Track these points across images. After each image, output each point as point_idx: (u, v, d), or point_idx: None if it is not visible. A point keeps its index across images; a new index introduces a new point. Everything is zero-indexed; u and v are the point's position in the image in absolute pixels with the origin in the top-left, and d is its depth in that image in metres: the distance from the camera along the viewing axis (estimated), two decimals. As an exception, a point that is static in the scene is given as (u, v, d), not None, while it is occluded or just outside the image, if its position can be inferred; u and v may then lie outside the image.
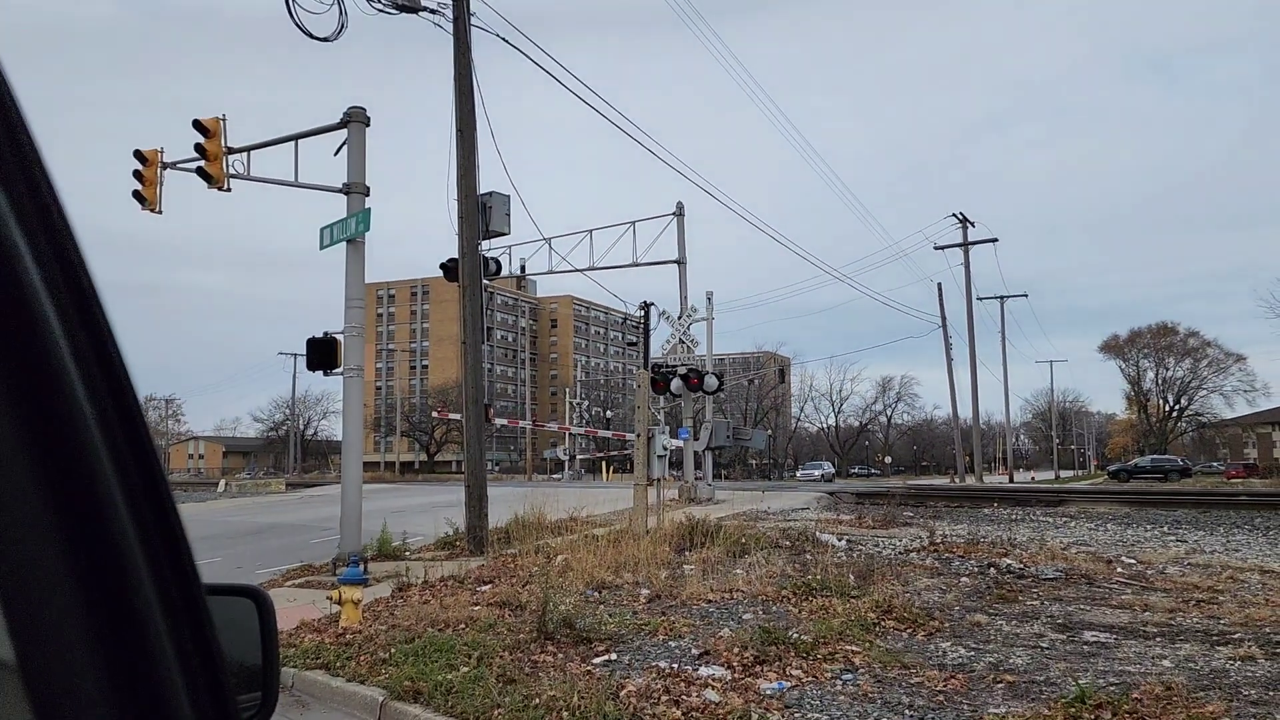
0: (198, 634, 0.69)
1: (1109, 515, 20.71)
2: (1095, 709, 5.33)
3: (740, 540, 13.36)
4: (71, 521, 0.63)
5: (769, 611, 8.88)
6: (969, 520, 20.30)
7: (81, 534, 0.63)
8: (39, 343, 0.62)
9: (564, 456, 64.22)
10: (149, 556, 0.67)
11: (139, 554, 0.66)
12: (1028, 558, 12.71)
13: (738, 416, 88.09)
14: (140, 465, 0.68)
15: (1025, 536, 16.21)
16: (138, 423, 0.69)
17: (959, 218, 52.67)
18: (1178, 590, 10.26)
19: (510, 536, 14.16)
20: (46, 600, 0.62)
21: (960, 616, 8.75)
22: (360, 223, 13.71)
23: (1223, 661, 6.83)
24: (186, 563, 0.71)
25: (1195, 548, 14.83)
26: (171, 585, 0.68)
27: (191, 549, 0.72)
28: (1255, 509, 20.88)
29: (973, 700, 5.94)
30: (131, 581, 0.65)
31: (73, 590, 0.62)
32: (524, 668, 6.81)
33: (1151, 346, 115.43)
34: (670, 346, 28.01)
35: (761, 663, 6.80)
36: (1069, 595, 10.06)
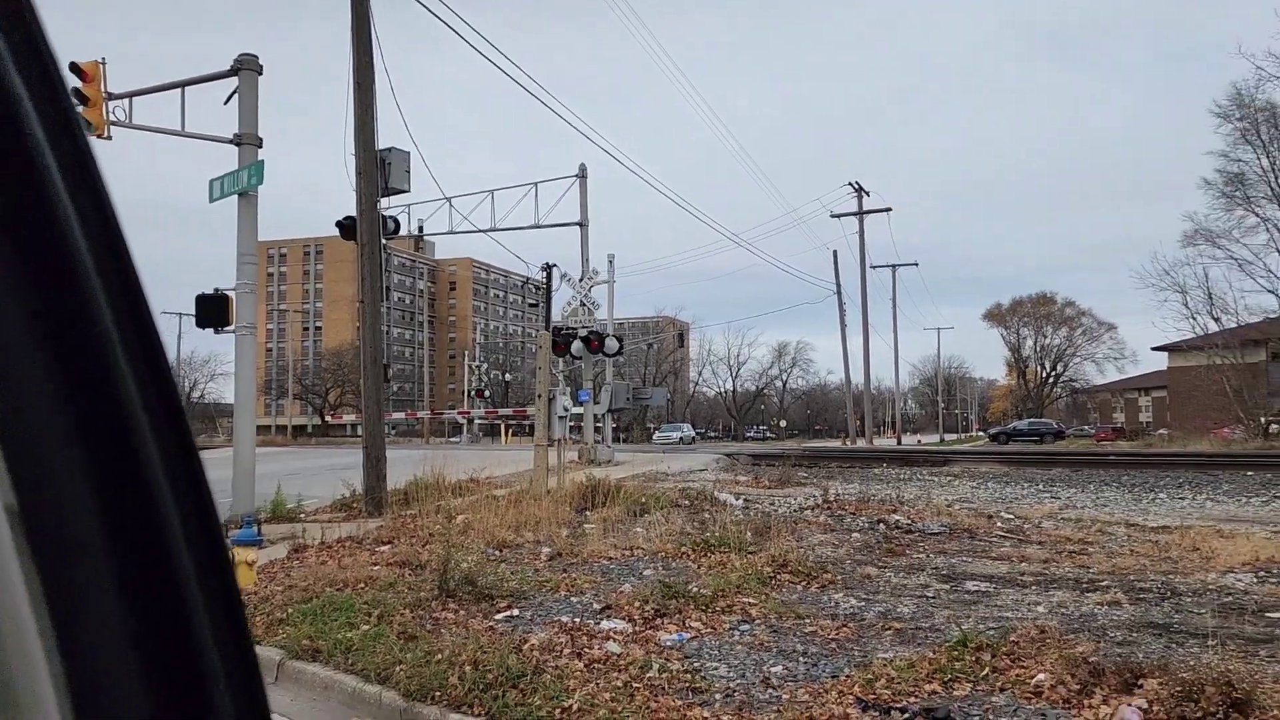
0: (223, 578, 0.72)
1: (990, 474, 21.64)
2: (976, 651, 5.62)
3: (640, 500, 13.53)
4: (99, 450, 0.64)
5: (669, 568, 9.05)
6: (860, 480, 20.95)
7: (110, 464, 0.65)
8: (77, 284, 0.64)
9: (462, 419, 63.57)
10: (179, 506, 0.68)
11: (170, 502, 0.68)
12: (915, 514, 13.22)
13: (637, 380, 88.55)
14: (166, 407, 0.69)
15: (913, 495, 16.82)
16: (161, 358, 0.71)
17: (855, 187, 53.68)
18: (1052, 543, 10.83)
19: (409, 498, 14.03)
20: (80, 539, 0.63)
21: (852, 569, 9.07)
22: (253, 175, 13.26)
23: (1092, 606, 7.27)
24: (211, 512, 0.73)
25: (1068, 504, 15.64)
26: (198, 533, 0.70)
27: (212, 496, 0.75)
28: (1122, 468, 22.10)
29: (863, 647, 6.19)
30: (167, 534, 0.67)
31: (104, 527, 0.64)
32: (425, 625, 6.81)
33: (1031, 315, 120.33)
34: (571, 309, 27.96)
35: (662, 616, 6.95)
36: (953, 548, 10.53)
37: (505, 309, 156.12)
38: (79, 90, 13.34)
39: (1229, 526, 11.98)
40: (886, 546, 10.44)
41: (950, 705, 4.86)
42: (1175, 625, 6.53)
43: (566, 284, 28.41)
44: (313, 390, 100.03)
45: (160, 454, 0.68)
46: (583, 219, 28.22)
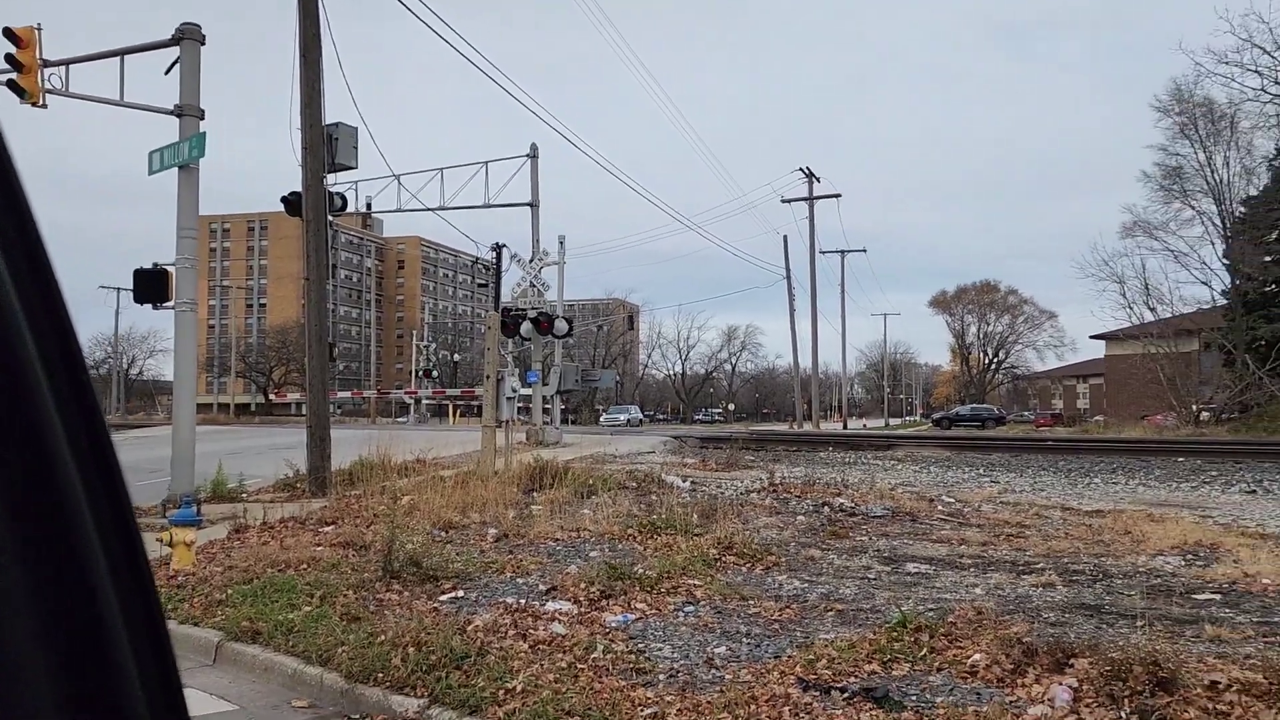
0: (136, 568, 0.69)
1: (932, 459, 22.01)
2: (915, 632, 5.73)
3: (588, 482, 13.54)
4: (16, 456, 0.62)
5: (615, 549, 9.09)
6: (806, 463, 21.17)
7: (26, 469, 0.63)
8: None
9: (409, 399, 63.01)
10: (90, 495, 0.66)
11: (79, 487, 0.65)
12: (859, 497, 13.40)
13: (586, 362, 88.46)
14: (81, 406, 0.67)
15: (857, 478, 17.05)
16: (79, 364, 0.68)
17: (805, 172, 53.99)
18: (990, 526, 11.06)
19: (354, 478, 13.90)
20: None
21: (796, 552, 9.18)
22: (194, 147, 12.96)
23: (1027, 588, 7.45)
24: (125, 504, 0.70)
25: (1007, 488, 15.98)
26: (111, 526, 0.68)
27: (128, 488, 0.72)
28: (1059, 453, 22.61)
29: (805, 628, 6.28)
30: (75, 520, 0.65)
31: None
32: (369, 606, 6.77)
33: (976, 303, 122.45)
34: (521, 290, 27.81)
35: (607, 597, 6.98)
36: (895, 531, 10.70)
37: (454, 289, 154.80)
38: (13, 56, 12.92)
39: (1160, 511, 12.33)
40: (830, 529, 10.58)
41: (889, 684, 4.95)
42: (1106, 606, 6.71)
43: (516, 264, 28.29)
44: (256, 368, 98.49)
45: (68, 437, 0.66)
46: (533, 199, 28.06)
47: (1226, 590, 7.34)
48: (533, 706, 4.69)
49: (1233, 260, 44.36)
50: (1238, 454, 21.24)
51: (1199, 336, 46.61)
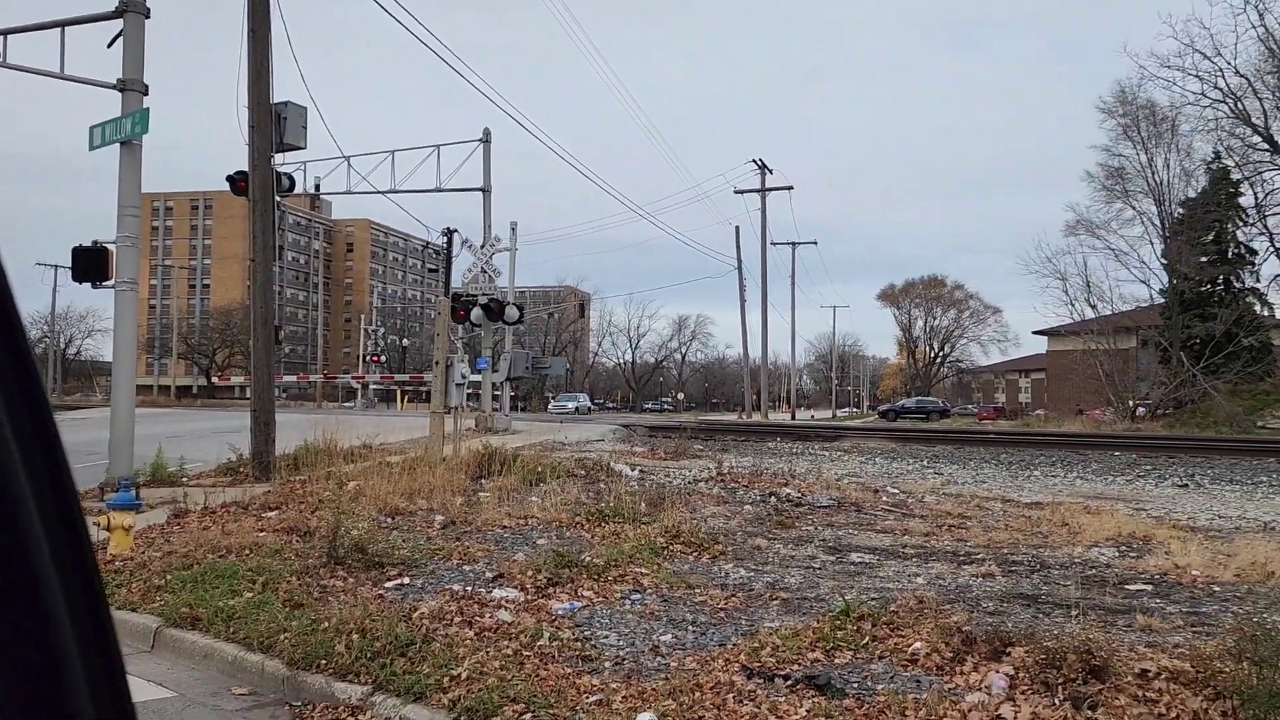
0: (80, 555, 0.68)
1: (878, 450, 22.30)
2: (858, 620, 5.82)
3: (536, 469, 13.51)
4: None
5: (563, 537, 9.09)
6: (754, 453, 21.33)
7: None
8: None
9: (357, 384, 62.29)
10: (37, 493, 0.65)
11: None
12: (805, 488, 13.54)
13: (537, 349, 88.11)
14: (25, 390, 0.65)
15: (804, 468, 17.22)
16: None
17: (758, 164, 54.24)
18: (933, 517, 11.24)
19: (299, 463, 13.71)
20: None
21: (742, 541, 9.26)
22: (137, 123, 12.65)
23: (968, 578, 7.59)
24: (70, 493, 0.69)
25: (950, 479, 16.25)
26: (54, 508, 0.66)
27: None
28: (1001, 446, 23.04)
29: (751, 616, 6.34)
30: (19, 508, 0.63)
31: None
32: (313, 592, 6.70)
33: (923, 297, 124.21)
34: (472, 275, 27.60)
35: (554, 585, 6.98)
36: (840, 521, 10.84)
37: (404, 273, 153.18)
38: (-54, 23, 12.50)
39: (1096, 503, 12.62)
40: (777, 519, 10.68)
41: (831, 672, 5.02)
42: (1043, 596, 6.86)
43: (468, 250, 28.06)
44: (199, 350, 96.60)
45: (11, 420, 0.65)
46: (486, 184, 27.85)
47: (1158, 581, 7.54)
48: (477, 694, 4.68)
49: (1170, 260, 45.45)
50: (1171, 449, 21.83)
51: (1137, 334, 47.76)
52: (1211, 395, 39.57)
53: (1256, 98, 47.64)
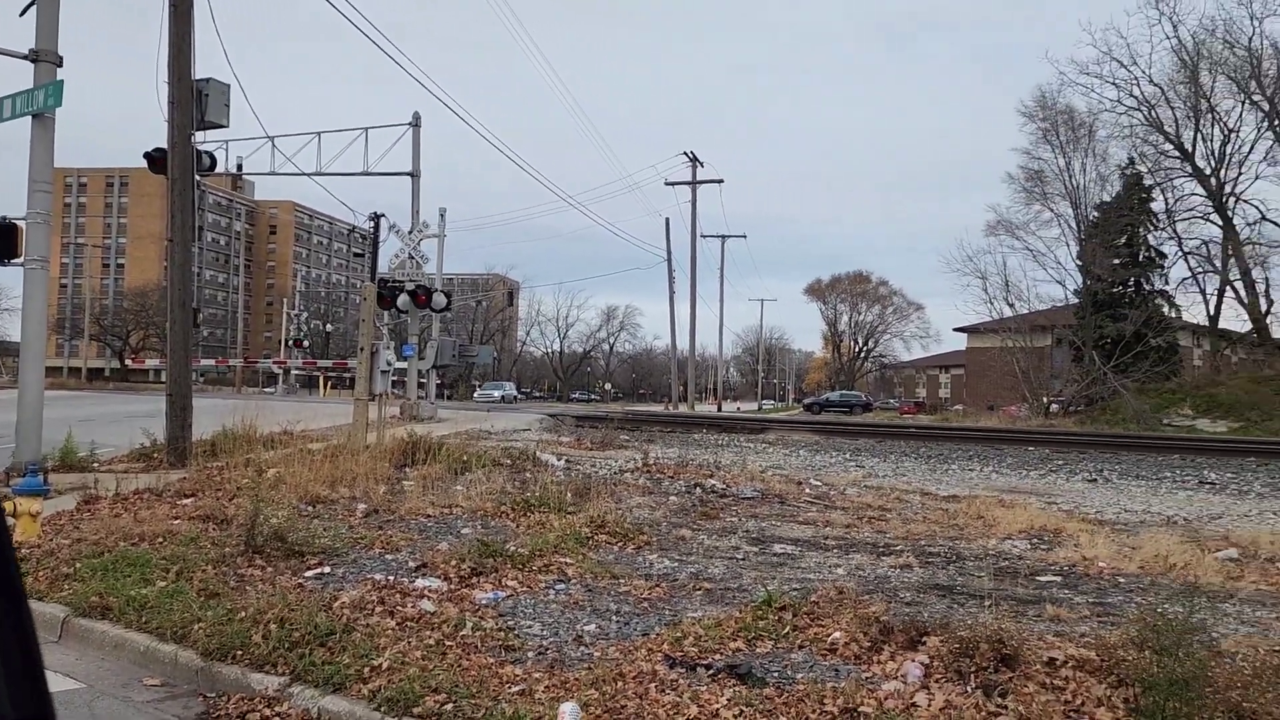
0: None
1: (802, 443, 22.60)
2: (779, 611, 5.90)
3: (462, 458, 13.40)
4: None
5: (488, 526, 9.04)
6: (680, 444, 21.46)
7: None
8: None
9: (278, 370, 60.92)
10: None
11: None
12: (730, 479, 13.68)
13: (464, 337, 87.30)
14: None
15: (729, 460, 17.39)
16: None
17: (689, 156, 54.44)
18: (854, 509, 11.46)
19: (217, 449, 13.38)
20: None
21: (667, 531, 9.32)
22: (50, 96, 12.17)
23: (886, 569, 7.75)
24: None
25: (871, 472, 16.56)
26: None
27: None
28: (921, 440, 23.55)
29: (674, 606, 6.39)
30: None
31: None
32: (229, 582, 6.55)
33: (849, 292, 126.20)
34: (399, 261, 27.18)
35: (478, 574, 6.94)
36: (764, 513, 10.97)
37: (329, 257, 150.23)
38: None
39: (1010, 497, 12.99)
40: (702, 510, 10.77)
41: (753, 661, 5.09)
42: (958, 587, 7.05)
43: (395, 235, 27.57)
44: (112, 331, 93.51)
45: None
46: (415, 169, 27.45)
47: (1067, 572, 7.80)
48: (398, 684, 4.64)
49: (1085, 262, 46.90)
50: (1082, 445, 22.54)
51: (1052, 333, 49.19)
52: (1121, 393, 40.97)
53: (1169, 106, 49.42)
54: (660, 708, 4.45)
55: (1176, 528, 10.63)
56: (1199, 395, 40.62)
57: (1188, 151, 49.18)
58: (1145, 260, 48.86)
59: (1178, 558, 8.20)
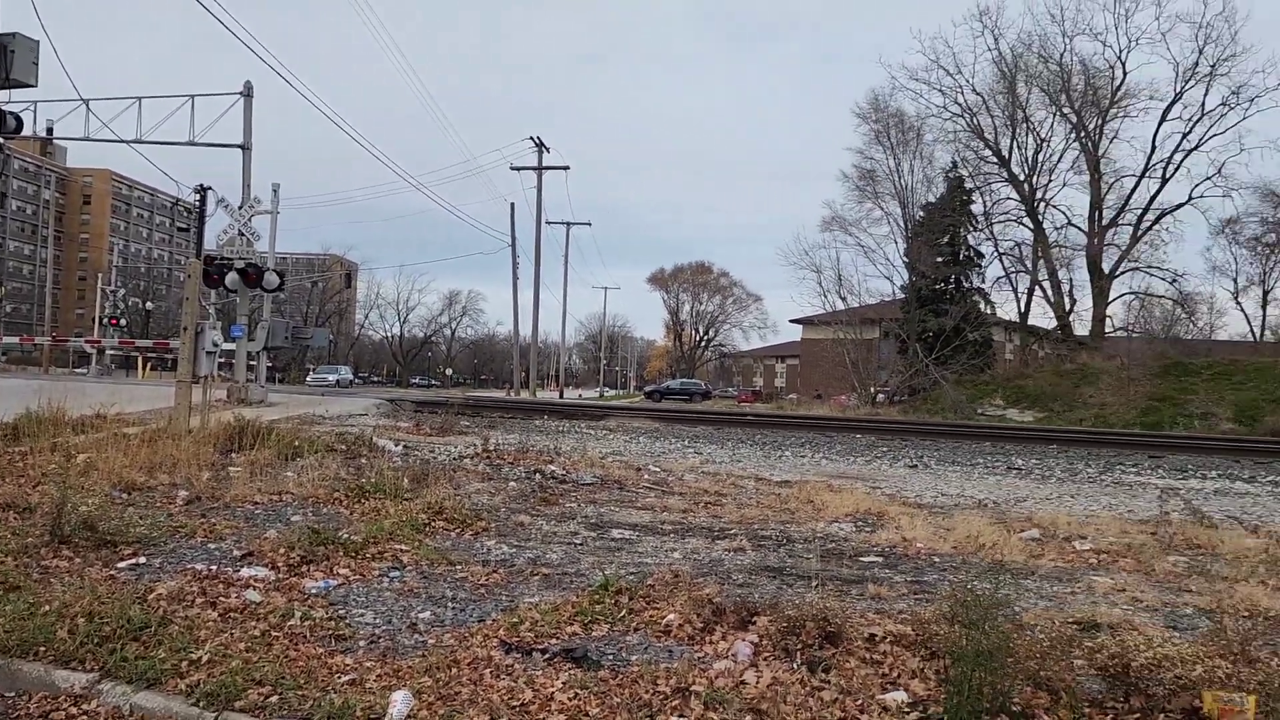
0: None
1: (642, 430, 22.90)
2: (616, 595, 5.97)
3: (293, 443, 12.92)
4: None
5: (320, 513, 8.76)
6: (521, 430, 21.36)
7: None
8: None
9: (91, 349, 57.02)
10: None
11: None
12: (570, 465, 13.72)
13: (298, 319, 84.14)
14: None
15: (570, 446, 17.44)
16: None
17: (536, 142, 54.15)
18: (692, 494, 11.70)
19: (20, 433, 12.41)
20: None
21: (506, 517, 9.27)
22: None
23: (720, 552, 7.96)
24: None
25: (709, 459, 16.95)
26: None
27: None
28: (757, 428, 24.28)
29: (511, 592, 6.37)
30: None
31: None
32: (31, 574, 6.10)
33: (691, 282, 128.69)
34: (229, 238, 25.87)
35: (308, 563, 6.72)
36: (603, 498, 11.06)
37: (150, 231, 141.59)
38: None
39: (838, 482, 13.56)
40: (541, 495, 10.77)
41: (589, 644, 5.13)
42: (788, 569, 7.31)
43: (224, 210, 26.23)
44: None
45: None
46: (246, 141, 26.21)
47: (888, 553, 8.22)
48: (219, 677, 4.44)
49: (911, 259, 49.43)
50: (905, 432, 23.78)
51: (880, 326, 51.64)
52: (941, 384, 43.41)
53: (990, 115, 52.67)
54: (495, 693, 4.43)
55: (987, 510, 11.34)
56: (1009, 387, 43.50)
57: (1004, 158, 52.56)
58: (965, 259, 51.95)
59: (987, 538, 8.75)
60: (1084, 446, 20.86)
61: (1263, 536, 9.75)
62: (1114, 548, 8.73)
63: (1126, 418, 36.40)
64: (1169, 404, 37.33)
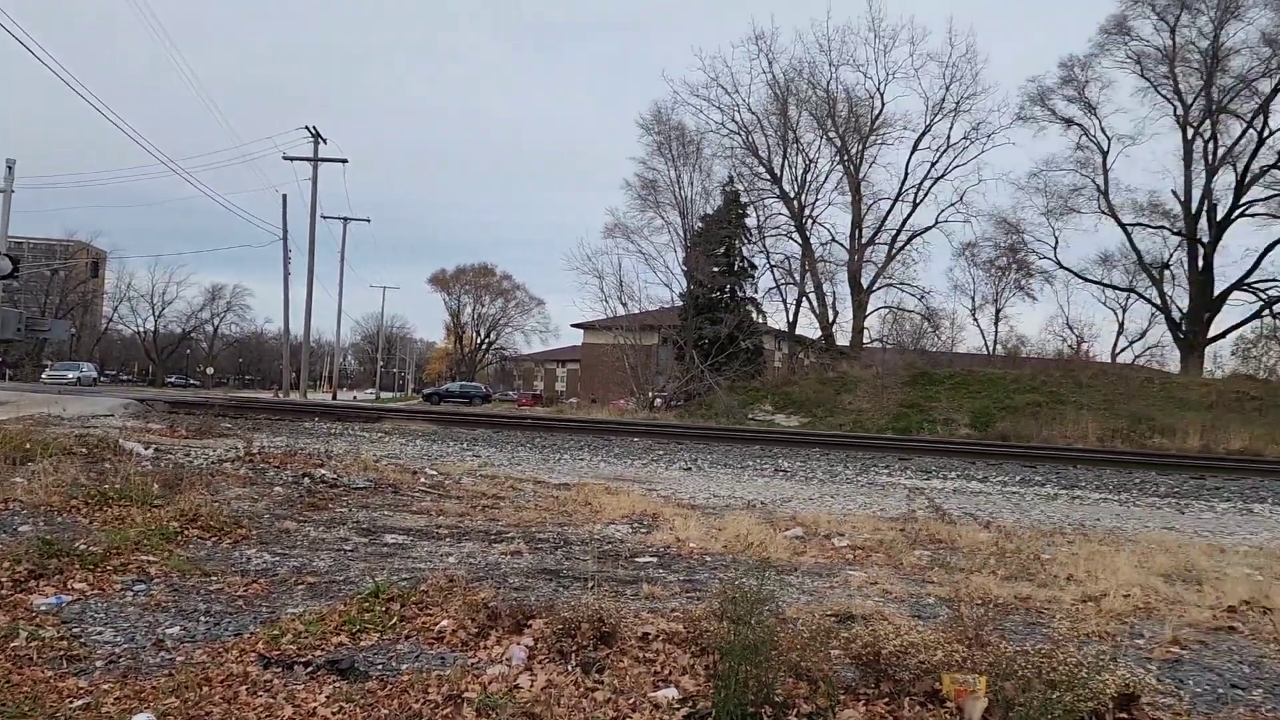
0: None
1: (420, 432, 22.35)
2: (387, 602, 5.76)
3: (24, 446, 11.70)
4: None
5: (53, 523, 7.95)
6: (290, 433, 20.35)
7: None
8: None
9: None
10: None
11: None
12: (342, 469, 13.18)
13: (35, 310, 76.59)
14: None
15: (342, 449, 16.77)
16: None
17: (311, 131, 51.93)
18: (469, 498, 11.51)
19: None
20: None
21: (270, 524, 8.76)
22: None
23: (497, 556, 7.86)
24: None
25: (488, 462, 16.76)
26: None
27: None
28: (537, 431, 24.27)
29: (273, 603, 6.01)
30: None
31: None
32: None
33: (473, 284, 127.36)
34: (-51, 216, 23.15)
35: (38, 577, 6.08)
36: (376, 503, 10.69)
37: None
38: None
39: (616, 484, 13.74)
40: (309, 501, 10.27)
41: (356, 655, 4.92)
42: (565, 570, 7.31)
43: (-55, 185, 23.46)
44: None
45: None
46: (-26, 110, 23.52)
47: (662, 553, 8.39)
48: (-78, 710, 3.92)
49: (689, 268, 51.05)
50: (680, 436, 24.47)
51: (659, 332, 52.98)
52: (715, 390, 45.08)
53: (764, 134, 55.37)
54: (251, 710, 4.15)
55: (755, 510, 11.82)
56: (778, 393, 45.74)
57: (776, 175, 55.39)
58: (740, 270, 54.26)
59: (755, 537, 9.12)
60: (843, 449, 22.19)
61: (993, 531, 10.70)
62: (868, 544, 9.32)
63: (881, 423, 39.11)
64: (917, 410, 40.41)
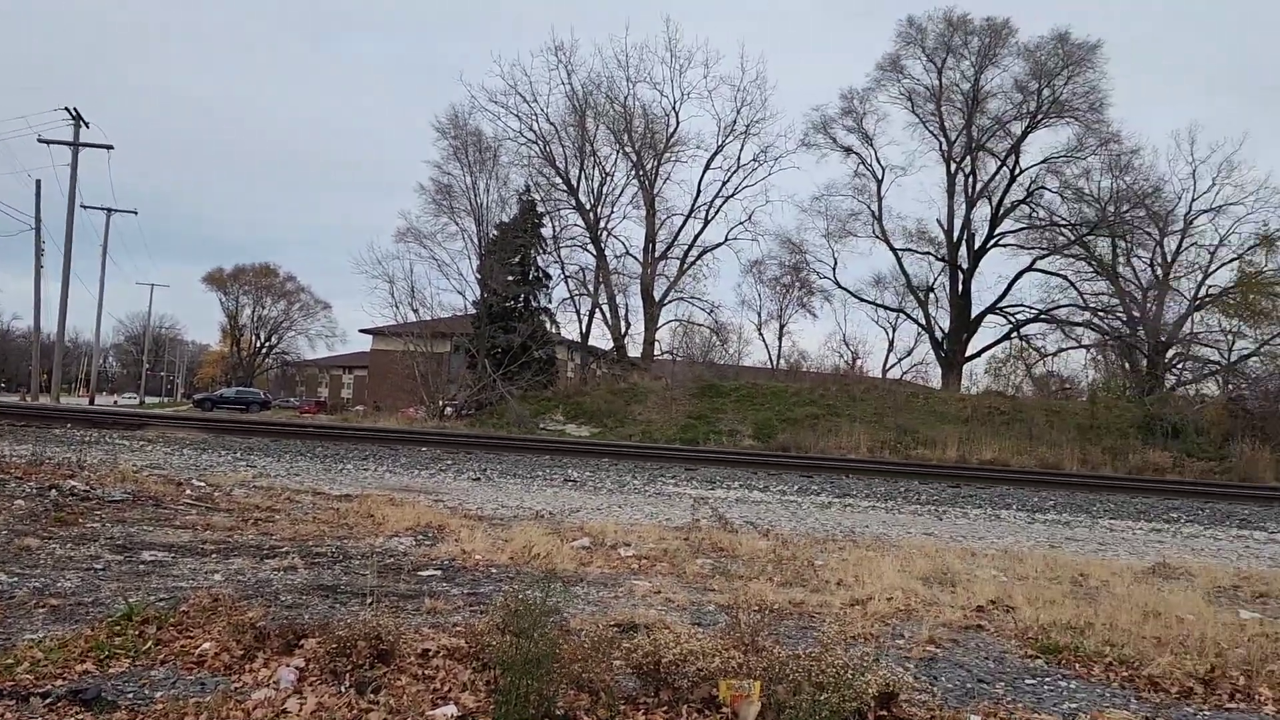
0: None
1: (188, 441, 20.94)
2: (141, 625, 5.34)
3: None
4: None
5: None
6: (37, 441, 18.56)
7: None
8: None
9: None
10: None
11: None
12: (97, 480, 12.16)
13: None
14: None
15: (98, 459, 15.47)
16: None
17: (72, 114, 47.88)
18: (240, 510, 10.88)
19: None
20: None
21: (9, 541, 7.95)
22: None
23: (269, 572, 7.46)
24: None
25: (263, 472, 15.90)
26: None
27: None
28: (319, 440, 23.28)
29: (8, 628, 5.44)
30: None
31: None
32: None
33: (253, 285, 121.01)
34: None
35: None
36: (135, 517, 9.91)
37: None
38: None
39: (401, 495, 13.37)
40: (57, 515, 9.40)
41: (104, 684, 4.53)
42: (343, 586, 7.03)
43: None
44: None
45: None
46: None
47: (447, 566, 8.22)
48: None
49: (484, 276, 50.54)
50: (470, 445, 24.14)
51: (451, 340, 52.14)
52: (507, 399, 44.81)
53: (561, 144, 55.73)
54: (-27, 752, 3.73)
55: (544, 521, 11.81)
56: (569, 403, 46.01)
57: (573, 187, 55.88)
58: (535, 279, 54.26)
59: (542, 547, 9.10)
60: (632, 460, 22.57)
61: (772, 539, 11.17)
62: (653, 553, 9.50)
63: (669, 433, 40.07)
64: (704, 421, 41.69)
